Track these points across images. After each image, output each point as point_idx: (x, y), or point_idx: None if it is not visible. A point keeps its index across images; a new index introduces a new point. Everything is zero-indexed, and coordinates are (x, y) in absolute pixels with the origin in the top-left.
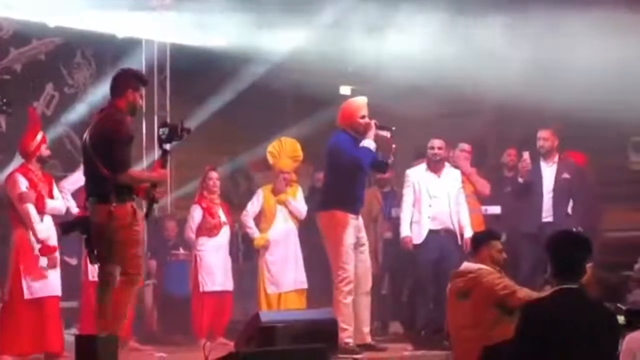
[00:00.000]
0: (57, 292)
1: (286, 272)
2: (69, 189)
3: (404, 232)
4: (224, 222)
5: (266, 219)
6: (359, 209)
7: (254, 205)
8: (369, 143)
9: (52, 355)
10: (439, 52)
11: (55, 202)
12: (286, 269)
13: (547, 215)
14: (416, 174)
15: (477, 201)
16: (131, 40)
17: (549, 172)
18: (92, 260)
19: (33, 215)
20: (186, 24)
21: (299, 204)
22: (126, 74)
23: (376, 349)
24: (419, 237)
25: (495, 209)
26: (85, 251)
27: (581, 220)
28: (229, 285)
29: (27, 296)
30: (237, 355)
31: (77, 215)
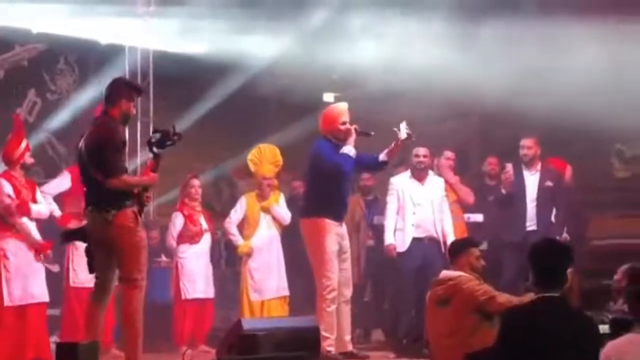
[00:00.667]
0: (43, 299)
1: (269, 279)
2: (51, 193)
3: (388, 239)
4: (206, 230)
5: (249, 226)
6: (342, 216)
7: (237, 213)
8: (348, 149)
9: None
10: (423, 59)
11: (40, 206)
12: (269, 276)
13: (530, 223)
14: (400, 181)
15: (460, 209)
16: (114, 46)
17: (531, 180)
18: (91, 269)
19: (23, 221)
20: (170, 30)
21: (282, 210)
22: (121, 83)
23: (358, 357)
24: (403, 244)
25: (478, 216)
26: (68, 258)
27: (567, 227)
28: (211, 293)
29: (8, 303)
30: None
31: (57, 220)
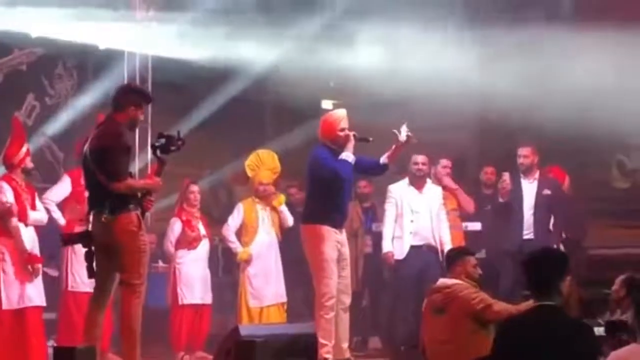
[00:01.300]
0: (40, 302)
1: (268, 286)
2: (54, 200)
3: (386, 247)
4: (204, 235)
5: (248, 233)
6: (342, 223)
7: (235, 219)
8: (347, 155)
9: None
10: (422, 67)
11: (38, 213)
12: (268, 283)
13: (528, 232)
14: (398, 189)
15: (458, 217)
16: (113, 51)
17: (529, 189)
18: (90, 274)
19: (20, 226)
20: (169, 35)
21: (287, 211)
22: (131, 90)
23: None
24: (401, 252)
25: (476, 225)
26: (66, 262)
27: (565, 236)
28: (208, 298)
29: (5, 306)
30: None
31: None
